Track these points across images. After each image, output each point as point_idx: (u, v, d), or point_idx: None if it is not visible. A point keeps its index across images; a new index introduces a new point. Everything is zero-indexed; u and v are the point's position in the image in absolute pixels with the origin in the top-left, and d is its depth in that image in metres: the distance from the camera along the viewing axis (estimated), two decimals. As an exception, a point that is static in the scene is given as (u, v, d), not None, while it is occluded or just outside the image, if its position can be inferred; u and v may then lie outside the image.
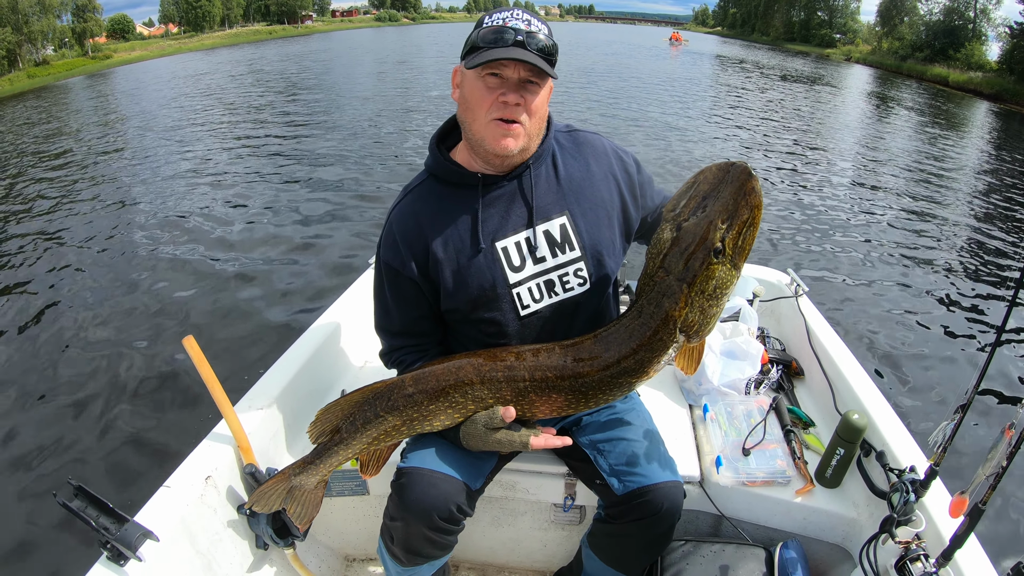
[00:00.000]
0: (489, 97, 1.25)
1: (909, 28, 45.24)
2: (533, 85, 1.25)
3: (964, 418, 1.34)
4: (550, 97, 1.37)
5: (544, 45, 1.24)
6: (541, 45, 1.24)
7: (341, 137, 11.14)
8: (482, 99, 1.26)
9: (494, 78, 1.24)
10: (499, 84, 1.24)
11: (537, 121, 1.30)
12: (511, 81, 1.24)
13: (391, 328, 1.47)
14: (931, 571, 1.28)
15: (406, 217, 1.38)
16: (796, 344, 2.20)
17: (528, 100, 1.25)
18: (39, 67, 36.69)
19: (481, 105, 1.26)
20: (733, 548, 1.61)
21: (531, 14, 1.28)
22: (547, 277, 1.37)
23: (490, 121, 1.26)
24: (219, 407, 1.62)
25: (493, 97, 1.24)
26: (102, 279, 5.42)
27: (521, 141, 1.28)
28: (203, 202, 7.54)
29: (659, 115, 14.05)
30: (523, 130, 1.27)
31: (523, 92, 1.24)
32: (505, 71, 1.23)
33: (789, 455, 1.70)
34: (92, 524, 1.24)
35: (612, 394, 1.26)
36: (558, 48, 1.29)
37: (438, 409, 1.27)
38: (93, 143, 12.10)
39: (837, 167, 10.00)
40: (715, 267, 1.13)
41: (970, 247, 6.59)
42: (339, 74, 23.60)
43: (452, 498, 1.33)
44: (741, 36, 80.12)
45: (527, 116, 1.26)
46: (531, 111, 1.26)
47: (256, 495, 1.33)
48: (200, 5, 66.54)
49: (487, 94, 1.25)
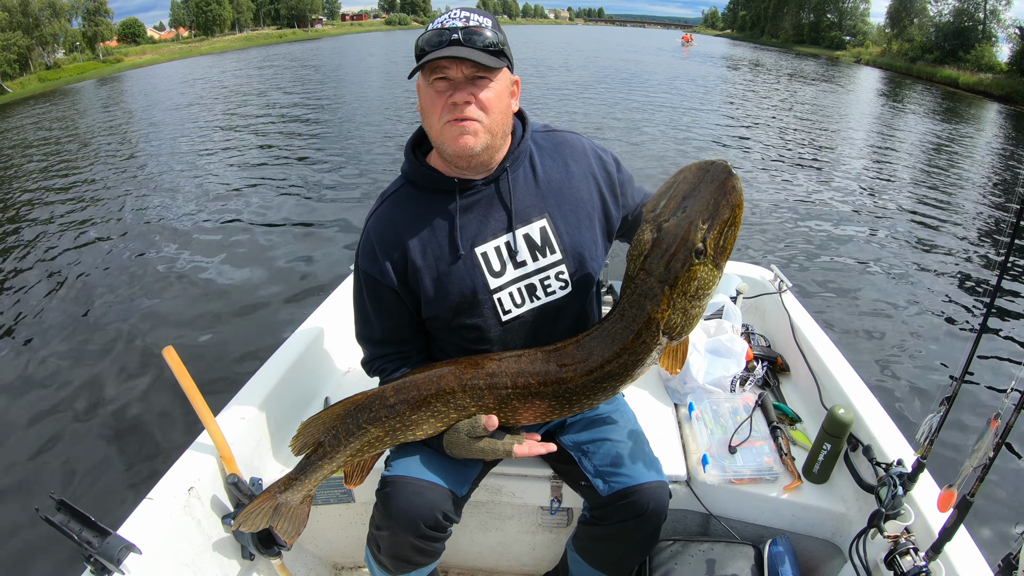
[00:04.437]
0: (440, 101, 1.22)
1: (919, 30, 44.99)
2: (482, 80, 1.22)
3: (950, 410, 1.35)
4: (517, 91, 1.34)
5: (487, 39, 1.22)
6: (484, 40, 1.21)
7: (337, 143, 11.07)
8: (434, 104, 1.24)
9: (442, 82, 1.22)
10: (448, 87, 1.22)
11: (497, 116, 1.26)
12: (458, 81, 1.22)
13: (372, 337, 1.45)
14: (921, 565, 1.28)
15: (383, 224, 1.36)
16: (781, 340, 2.20)
17: (479, 96, 1.22)
18: (50, 70, 36.53)
19: (434, 110, 1.24)
20: (722, 547, 1.62)
21: (472, 10, 1.25)
22: (528, 281, 1.36)
23: (444, 124, 1.23)
24: (200, 417, 1.60)
25: (443, 100, 1.22)
26: (84, 287, 5.36)
27: (482, 138, 1.25)
28: (188, 208, 7.47)
29: (667, 113, 14.17)
30: (480, 126, 1.24)
31: (472, 89, 1.22)
32: (449, 72, 1.21)
33: (776, 452, 1.70)
34: (75, 538, 1.22)
35: (596, 398, 1.25)
36: (505, 39, 1.27)
37: (420, 419, 1.26)
38: (93, 148, 12.03)
39: (831, 165, 10.04)
40: (696, 268, 1.12)
41: (953, 241, 6.61)
42: (345, 79, 23.36)
43: (438, 506, 1.32)
44: (751, 39, 79.92)
45: (482, 112, 1.23)
46: (484, 106, 1.23)
47: (243, 515, 1.32)
48: (210, 9, 66.57)
49: (438, 99, 1.23)
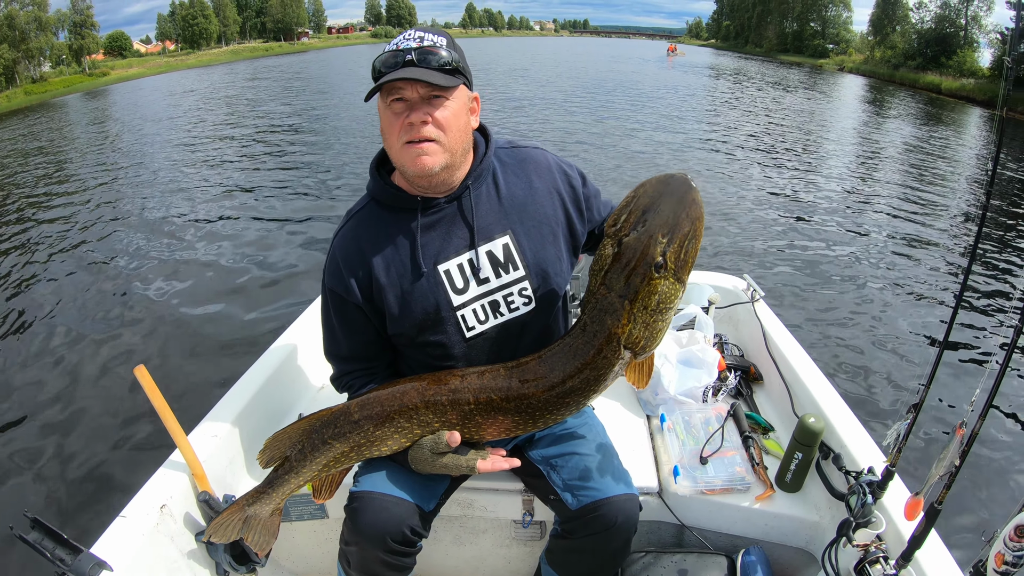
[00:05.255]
0: (397, 122, 1.23)
1: (901, 37, 45.25)
2: (439, 99, 1.23)
3: (917, 417, 1.36)
4: (477, 108, 1.35)
5: (441, 58, 1.22)
6: (439, 60, 1.22)
7: (316, 158, 10.96)
8: (391, 126, 1.24)
9: (399, 103, 1.23)
10: (404, 107, 1.23)
11: (455, 134, 1.26)
12: (414, 101, 1.22)
13: (339, 353, 1.45)
14: (891, 573, 1.29)
15: (348, 242, 1.37)
16: (754, 349, 2.21)
17: (435, 115, 1.23)
18: (36, 84, 36.47)
19: (392, 131, 1.24)
20: (695, 557, 1.62)
21: (427, 29, 1.26)
22: (492, 298, 1.36)
23: (403, 145, 1.24)
24: (172, 435, 1.60)
25: (401, 121, 1.22)
26: (55, 306, 5.26)
27: (440, 158, 1.25)
28: (162, 226, 7.36)
29: (652, 121, 14.34)
30: (438, 146, 1.24)
31: (428, 109, 1.22)
32: (405, 93, 1.22)
33: (748, 461, 1.71)
34: (48, 556, 1.24)
35: (561, 413, 1.25)
36: (461, 56, 1.27)
37: (385, 435, 1.26)
38: (75, 163, 11.91)
39: (809, 173, 10.08)
40: (657, 282, 1.12)
41: (923, 250, 6.62)
42: (331, 91, 23.22)
43: (405, 521, 1.33)
44: (735, 48, 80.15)
45: (439, 131, 1.23)
46: (441, 125, 1.23)
47: (213, 526, 1.32)
48: (197, 23, 66.82)
49: (395, 120, 1.23)
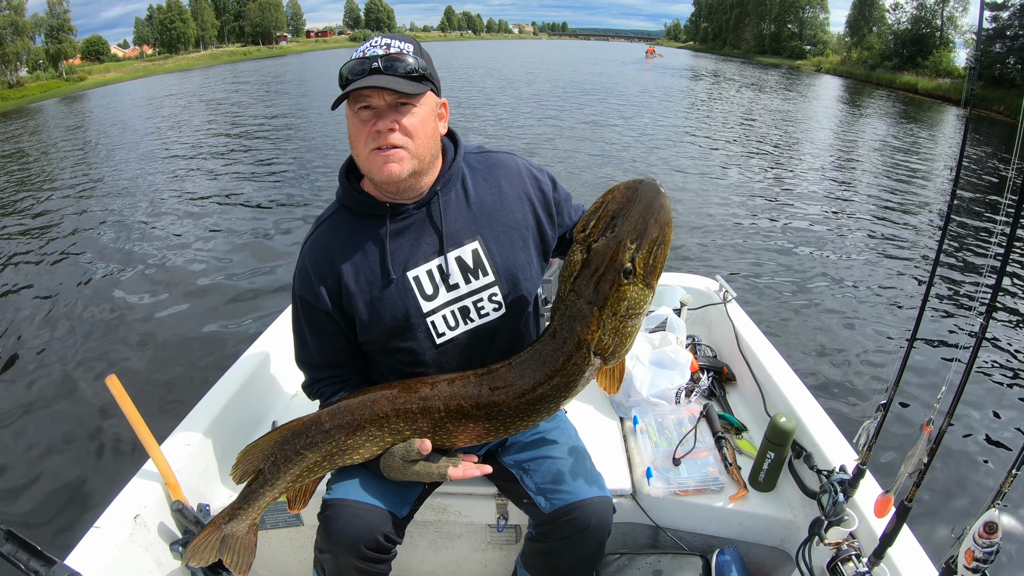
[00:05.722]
0: (364, 129, 1.23)
1: (878, 38, 45.61)
2: (405, 106, 1.23)
3: (887, 415, 1.38)
4: (445, 114, 1.36)
5: (408, 65, 1.22)
6: (405, 67, 1.22)
7: (291, 164, 10.88)
8: (358, 133, 1.25)
9: (366, 111, 1.23)
10: (371, 115, 1.23)
11: (422, 140, 1.27)
12: (381, 108, 1.22)
13: (311, 361, 1.45)
14: (863, 571, 1.30)
15: (317, 249, 1.37)
16: (726, 350, 2.23)
17: (402, 122, 1.23)
18: (12, 89, 35.78)
19: (359, 139, 1.25)
20: (669, 558, 1.63)
21: (393, 36, 1.26)
22: (461, 304, 1.37)
23: (369, 153, 1.24)
24: (144, 445, 1.58)
25: (368, 129, 1.23)
26: (25, 314, 5.18)
27: (408, 164, 1.25)
28: (133, 233, 7.26)
29: (626, 125, 14.37)
30: (405, 152, 1.24)
31: (395, 116, 1.22)
32: (372, 100, 1.22)
33: (721, 462, 1.72)
34: (22, 568, 1.21)
35: (532, 419, 1.26)
36: (428, 63, 1.28)
37: (356, 443, 1.26)
38: (47, 169, 11.71)
39: (783, 173, 10.19)
40: (626, 288, 1.13)
41: (894, 248, 6.71)
42: (306, 98, 22.94)
43: (378, 528, 1.33)
44: (713, 50, 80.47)
45: (406, 138, 1.24)
46: (408, 132, 1.24)
47: (190, 550, 1.31)
48: (175, 27, 66.22)
49: (362, 127, 1.24)
